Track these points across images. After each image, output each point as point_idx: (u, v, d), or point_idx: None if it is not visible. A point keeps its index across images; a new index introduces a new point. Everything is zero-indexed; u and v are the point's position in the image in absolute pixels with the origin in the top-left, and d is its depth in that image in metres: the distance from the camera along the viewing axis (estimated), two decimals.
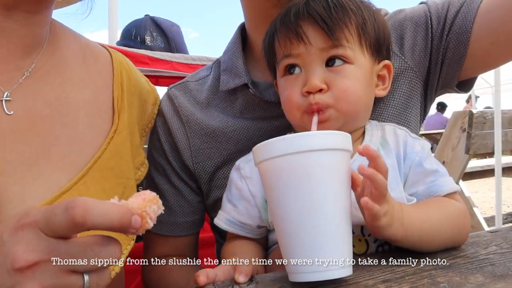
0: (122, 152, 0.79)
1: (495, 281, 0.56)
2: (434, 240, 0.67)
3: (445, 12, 0.88)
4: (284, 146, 0.56)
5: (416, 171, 0.74)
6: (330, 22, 0.71)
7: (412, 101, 0.93)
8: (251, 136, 0.94)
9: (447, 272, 0.59)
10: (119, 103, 0.82)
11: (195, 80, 1.04)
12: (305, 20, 0.72)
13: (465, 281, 0.56)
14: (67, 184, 0.68)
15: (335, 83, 0.71)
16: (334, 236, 0.54)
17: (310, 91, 0.71)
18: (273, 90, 0.93)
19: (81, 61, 0.82)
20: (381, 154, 0.76)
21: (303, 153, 0.54)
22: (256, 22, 0.96)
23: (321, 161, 0.55)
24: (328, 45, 0.71)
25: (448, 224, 0.68)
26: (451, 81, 0.92)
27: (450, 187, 0.72)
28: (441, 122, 7.36)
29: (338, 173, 0.56)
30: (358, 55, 0.73)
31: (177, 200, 0.99)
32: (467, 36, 0.85)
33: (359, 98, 0.73)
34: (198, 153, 0.96)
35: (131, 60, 1.52)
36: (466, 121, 2.93)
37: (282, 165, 0.56)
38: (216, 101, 0.98)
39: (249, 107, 0.95)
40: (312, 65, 0.72)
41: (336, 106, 0.71)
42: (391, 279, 0.57)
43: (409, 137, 0.78)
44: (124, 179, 0.77)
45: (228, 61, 0.98)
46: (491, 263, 0.63)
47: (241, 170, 0.81)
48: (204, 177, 0.97)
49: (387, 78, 0.81)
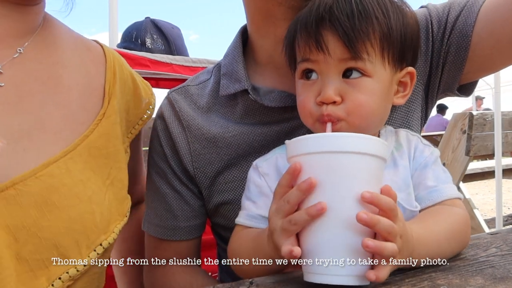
0: (110, 134, 0.80)
1: (495, 284, 0.56)
2: (439, 256, 0.64)
3: (446, 16, 0.88)
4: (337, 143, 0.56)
5: (419, 174, 0.74)
6: (352, 34, 0.68)
7: (413, 105, 0.93)
8: (251, 141, 0.93)
9: (447, 275, 0.59)
10: (111, 88, 0.84)
11: (195, 84, 1.04)
12: (326, 29, 0.69)
13: (465, 283, 0.56)
14: (54, 156, 0.69)
15: (350, 96, 0.69)
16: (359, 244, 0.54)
17: (324, 102, 0.70)
18: (274, 95, 0.92)
19: (73, 47, 0.86)
20: (395, 156, 0.76)
21: (350, 153, 0.55)
22: (258, 24, 0.95)
23: (365, 164, 0.56)
24: (347, 57, 0.69)
25: (452, 237, 0.67)
26: (452, 85, 0.92)
27: (451, 193, 0.71)
28: (442, 123, 7.37)
29: (377, 179, 0.57)
30: (378, 68, 0.71)
31: (179, 205, 0.98)
32: (468, 40, 0.85)
33: (372, 113, 0.72)
34: (199, 158, 0.96)
35: (131, 62, 1.54)
36: (466, 122, 2.94)
37: (329, 161, 0.55)
38: (216, 106, 0.98)
39: (249, 112, 0.95)
40: (328, 75, 0.70)
41: (347, 119, 0.69)
42: (391, 281, 0.57)
43: (420, 143, 0.78)
44: (110, 160, 0.79)
45: (229, 65, 0.97)
46: (491, 265, 0.63)
47: (259, 168, 0.80)
48: (205, 182, 0.96)
49: (409, 85, 0.78)
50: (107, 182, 0.77)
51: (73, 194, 0.68)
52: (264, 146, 0.93)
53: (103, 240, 0.71)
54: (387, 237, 0.53)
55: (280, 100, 0.92)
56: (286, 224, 0.56)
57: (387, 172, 0.73)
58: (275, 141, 0.93)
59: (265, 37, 0.95)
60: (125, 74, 0.90)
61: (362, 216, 0.52)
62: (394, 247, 0.53)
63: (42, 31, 0.81)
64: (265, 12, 0.91)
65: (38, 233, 0.63)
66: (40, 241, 0.63)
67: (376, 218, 0.53)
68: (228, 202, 0.95)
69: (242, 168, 0.95)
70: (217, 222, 1.02)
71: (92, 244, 0.69)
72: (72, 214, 0.67)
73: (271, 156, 0.81)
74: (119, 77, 0.87)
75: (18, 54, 0.75)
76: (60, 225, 0.65)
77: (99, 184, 0.75)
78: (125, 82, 0.89)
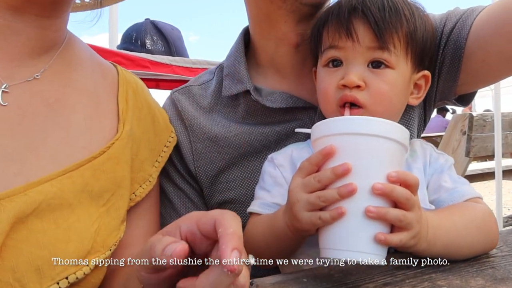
0: (120, 159, 0.77)
1: (496, 284, 0.56)
2: (461, 247, 0.66)
3: (442, 27, 0.88)
4: (359, 125, 0.58)
5: (438, 178, 0.76)
6: (382, 25, 0.72)
7: (413, 113, 0.94)
8: (252, 141, 0.94)
9: (447, 275, 0.59)
10: (124, 114, 0.82)
11: (198, 84, 1.04)
12: (357, 18, 0.73)
13: (465, 284, 0.56)
14: (48, 174, 0.66)
15: (374, 84, 0.72)
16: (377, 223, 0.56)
17: (347, 85, 0.72)
18: (275, 96, 0.93)
19: (90, 71, 0.83)
20: (409, 161, 0.78)
21: (374, 136, 0.57)
22: (260, 26, 0.96)
23: (393, 149, 0.58)
24: (375, 46, 0.72)
25: (473, 227, 0.67)
26: (448, 95, 0.93)
27: (472, 192, 0.73)
28: (442, 125, 7.35)
29: (395, 164, 0.59)
30: (401, 62, 0.74)
31: (183, 202, 0.98)
32: (461, 52, 0.85)
33: (393, 104, 0.75)
34: (200, 157, 0.96)
35: (131, 63, 1.54)
36: (466, 124, 2.93)
37: (361, 143, 0.57)
38: (219, 106, 0.99)
39: (251, 112, 0.95)
40: (354, 62, 0.73)
41: (370, 107, 0.72)
42: (392, 282, 0.57)
43: (434, 152, 0.81)
44: (114, 185, 0.75)
45: (231, 66, 0.98)
46: (492, 266, 0.63)
47: (275, 160, 0.82)
48: (206, 181, 0.97)
49: (423, 88, 0.82)
50: (101, 210, 0.72)
51: (52, 217, 0.64)
52: (265, 146, 0.93)
53: (71, 273, 0.63)
54: (406, 204, 0.56)
55: (281, 101, 0.92)
56: (314, 199, 0.58)
57: None
58: (276, 141, 0.93)
59: (267, 39, 0.95)
60: (139, 102, 0.88)
61: (378, 186, 0.55)
62: (399, 212, 0.56)
63: (64, 52, 0.78)
64: (266, 14, 0.92)
65: (1, 253, 0.58)
66: (1, 262, 0.58)
67: (391, 185, 0.55)
68: (229, 201, 0.95)
69: (243, 167, 0.95)
70: None
71: (56, 275, 0.62)
72: (42, 239, 0.62)
73: (286, 150, 0.83)
74: (132, 104, 0.85)
75: (33, 78, 0.71)
76: (24, 248, 0.60)
77: (91, 210, 0.70)
78: (140, 109, 0.87)
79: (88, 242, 0.67)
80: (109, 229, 0.72)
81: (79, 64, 0.81)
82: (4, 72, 0.68)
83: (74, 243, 0.64)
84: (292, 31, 0.91)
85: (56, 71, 0.76)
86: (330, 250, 0.57)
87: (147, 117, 0.90)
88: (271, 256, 0.71)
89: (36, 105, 0.71)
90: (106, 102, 0.82)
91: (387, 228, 0.57)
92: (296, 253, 0.77)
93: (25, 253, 0.60)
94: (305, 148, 0.82)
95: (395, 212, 0.56)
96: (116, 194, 0.76)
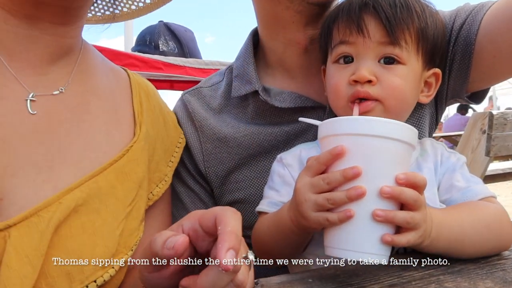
0: (139, 160, 0.79)
1: (505, 287, 0.54)
2: (465, 245, 0.65)
3: (452, 23, 0.87)
4: (363, 126, 0.57)
5: (450, 178, 0.75)
6: (393, 20, 0.72)
7: (424, 111, 0.93)
8: (261, 141, 0.94)
9: (456, 278, 0.58)
10: (139, 116, 0.84)
11: (208, 86, 1.05)
12: (368, 14, 0.73)
13: (474, 286, 0.55)
14: (76, 181, 0.68)
15: (385, 78, 0.72)
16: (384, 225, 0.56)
17: (358, 81, 0.72)
18: (284, 96, 0.93)
19: (105, 76, 0.85)
20: (419, 161, 0.77)
21: (383, 138, 0.56)
22: (268, 27, 0.96)
23: (402, 151, 0.58)
24: (386, 41, 0.72)
25: (482, 226, 0.66)
26: (460, 92, 0.91)
27: (485, 192, 0.71)
28: (461, 123, 7.19)
29: (403, 165, 0.58)
30: (412, 58, 0.74)
31: (193, 202, 1.00)
32: (471, 48, 0.84)
33: (406, 98, 0.74)
34: (210, 158, 0.97)
35: (145, 65, 1.56)
36: (486, 122, 2.87)
37: (371, 145, 0.57)
38: (229, 107, 0.99)
39: (260, 113, 0.96)
40: (365, 57, 0.73)
41: (384, 101, 0.72)
42: (397, 283, 0.57)
43: (445, 151, 0.80)
44: (137, 185, 0.77)
45: (240, 67, 0.98)
46: (503, 269, 0.61)
47: (283, 160, 0.82)
48: (216, 181, 0.97)
49: (433, 86, 0.81)
50: (127, 210, 0.74)
51: (79, 223, 0.66)
52: (274, 146, 0.93)
53: (99, 276, 0.66)
54: (413, 205, 0.56)
55: (290, 101, 0.92)
56: (322, 201, 0.58)
57: None
58: (285, 141, 0.93)
59: (275, 39, 0.96)
60: (152, 104, 0.90)
61: (386, 189, 0.54)
62: (406, 214, 0.55)
63: (82, 60, 0.80)
64: (274, 15, 0.92)
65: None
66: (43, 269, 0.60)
67: (399, 188, 0.55)
68: (239, 201, 0.96)
69: (253, 167, 0.95)
70: None
71: (85, 279, 0.64)
72: (70, 245, 0.64)
73: (295, 150, 0.83)
74: (145, 107, 0.87)
75: (59, 92, 0.73)
76: (54, 254, 0.62)
77: (117, 212, 0.72)
78: (153, 111, 0.89)
79: (113, 245, 0.69)
80: (131, 230, 0.74)
81: (96, 71, 0.83)
82: (29, 81, 0.70)
83: (100, 247, 0.67)
84: (300, 32, 0.91)
85: (77, 79, 0.78)
86: (335, 249, 0.57)
87: (159, 118, 0.91)
88: (279, 254, 0.71)
89: (61, 113, 0.72)
90: (123, 106, 0.84)
91: (393, 229, 0.57)
92: (305, 253, 0.76)
93: (57, 259, 0.61)
94: (314, 148, 0.82)
95: (403, 215, 0.55)
96: (139, 194, 0.78)
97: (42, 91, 0.72)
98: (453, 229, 0.63)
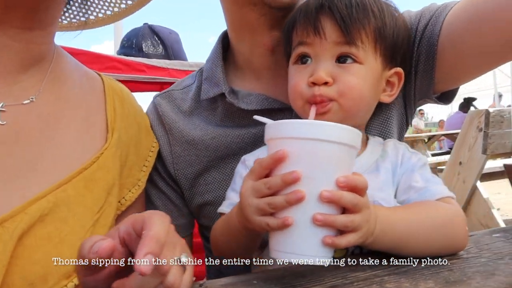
0: (110, 167, 0.79)
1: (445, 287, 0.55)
2: (410, 243, 0.65)
3: (417, 23, 0.87)
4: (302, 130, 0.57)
5: (408, 178, 0.75)
6: (349, 21, 0.72)
7: (391, 111, 0.93)
8: (229, 143, 0.95)
9: (400, 278, 0.58)
10: (112, 123, 0.84)
11: (180, 88, 1.06)
12: (324, 14, 0.74)
13: (414, 287, 0.55)
14: (44, 190, 0.68)
15: (342, 78, 0.72)
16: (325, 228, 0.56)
17: (316, 83, 0.72)
18: (251, 98, 0.94)
19: (79, 84, 0.85)
20: (378, 162, 0.77)
21: (322, 141, 0.56)
22: (236, 29, 0.97)
23: (344, 154, 0.57)
24: (342, 41, 0.73)
25: (429, 225, 0.66)
26: (427, 93, 0.91)
27: (443, 192, 0.71)
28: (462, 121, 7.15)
29: (344, 168, 0.58)
30: (369, 58, 0.75)
31: (164, 205, 1.00)
32: (434, 49, 0.84)
33: (362, 97, 0.75)
34: (179, 160, 0.98)
35: (128, 68, 1.57)
36: (483, 120, 2.85)
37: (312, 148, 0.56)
38: (199, 110, 1.00)
39: (228, 115, 0.96)
40: (322, 58, 0.74)
41: (339, 100, 0.72)
42: (339, 285, 0.57)
43: (407, 151, 0.80)
44: (106, 193, 0.77)
45: (209, 70, 0.99)
46: (450, 269, 0.61)
47: (246, 161, 0.83)
48: (186, 184, 0.98)
49: (396, 85, 0.81)
50: (95, 217, 0.74)
51: (45, 232, 0.65)
52: (242, 148, 0.94)
53: (63, 286, 0.66)
54: (353, 209, 0.56)
55: (257, 103, 0.93)
56: (264, 206, 0.58)
57: (368, 176, 0.75)
58: (252, 143, 0.94)
59: (242, 41, 0.96)
60: (126, 109, 0.90)
61: (325, 194, 0.54)
62: (346, 218, 0.56)
63: (55, 67, 0.79)
64: (240, 18, 0.93)
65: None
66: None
67: (339, 193, 0.55)
68: (208, 203, 0.97)
69: (221, 170, 0.96)
70: (202, 223, 1.04)
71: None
72: (35, 255, 0.64)
73: (258, 151, 0.84)
74: (119, 113, 0.87)
75: (30, 101, 0.73)
76: (19, 264, 0.62)
77: (85, 220, 0.72)
78: (127, 116, 0.89)
79: None
80: None
81: (69, 78, 0.83)
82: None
83: (67, 256, 0.66)
84: (266, 34, 0.91)
85: (49, 87, 0.77)
86: (278, 252, 0.57)
87: (134, 123, 0.92)
88: (231, 254, 0.72)
89: (31, 122, 0.72)
90: (95, 113, 0.84)
91: (335, 231, 0.57)
92: (264, 254, 0.77)
93: (20, 269, 0.62)
94: None
95: (342, 219, 0.56)
96: (108, 201, 0.78)
97: (12, 101, 0.72)
98: (398, 227, 0.64)
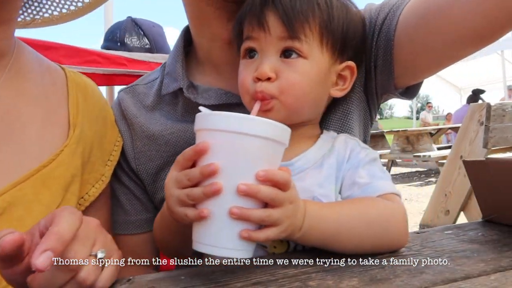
0: (69, 164, 0.79)
1: (368, 286, 0.53)
2: (341, 239, 0.64)
3: (376, 18, 0.85)
4: (225, 123, 0.57)
5: (351, 174, 0.74)
6: (291, 14, 0.71)
7: (351, 106, 0.91)
8: (188, 138, 0.94)
9: (326, 275, 0.57)
10: (74, 119, 0.83)
11: (144, 83, 1.06)
12: (269, 9, 0.73)
13: (335, 285, 0.54)
14: (0, 189, 0.68)
15: (284, 74, 0.72)
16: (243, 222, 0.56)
17: (259, 78, 0.72)
18: (210, 93, 0.93)
19: (40, 78, 0.84)
20: (324, 157, 0.76)
21: (243, 135, 0.55)
22: (195, 23, 0.97)
23: (267, 149, 0.57)
24: (286, 36, 0.72)
25: (361, 221, 0.65)
26: (389, 88, 0.89)
27: (386, 188, 0.70)
28: None
29: (267, 163, 0.57)
30: (315, 52, 0.73)
31: (128, 199, 1.01)
32: (391, 43, 0.82)
33: (305, 93, 0.73)
34: (140, 155, 0.98)
35: (108, 61, 1.57)
36: (484, 113, 2.79)
37: (233, 142, 0.56)
38: (161, 105, 1.00)
39: (188, 110, 0.96)
40: (267, 53, 0.73)
41: (280, 97, 0.71)
42: (263, 281, 0.56)
43: (357, 146, 0.78)
44: (63, 190, 0.77)
45: (170, 64, 0.99)
46: (381, 267, 0.60)
47: None
48: (148, 179, 0.98)
49: (348, 79, 0.80)
50: None
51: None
52: None
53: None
54: (272, 203, 0.56)
55: (215, 98, 0.92)
56: (183, 197, 0.58)
57: (311, 172, 0.74)
58: None
59: (201, 35, 0.96)
60: (90, 104, 0.89)
61: (242, 187, 0.54)
62: (262, 212, 0.55)
63: (15, 63, 0.78)
64: (199, 11, 0.92)
65: None
66: None
67: (256, 187, 0.54)
68: None
69: None
70: None
71: None
72: None
73: None
74: (82, 108, 0.86)
75: None
76: None
77: None
78: (91, 111, 0.88)
79: None
80: None
81: (30, 73, 0.82)
82: None
83: None
84: (223, 28, 0.90)
85: (7, 84, 0.77)
86: (199, 244, 0.57)
87: (99, 118, 0.91)
88: (166, 247, 0.74)
89: None
90: (57, 109, 0.84)
91: (256, 226, 0.56)
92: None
93: None
94: None
95: (258, 213, 0.55)
96: (66, 198, 0.78)
97: None
98: (328, 222, 0.63)
